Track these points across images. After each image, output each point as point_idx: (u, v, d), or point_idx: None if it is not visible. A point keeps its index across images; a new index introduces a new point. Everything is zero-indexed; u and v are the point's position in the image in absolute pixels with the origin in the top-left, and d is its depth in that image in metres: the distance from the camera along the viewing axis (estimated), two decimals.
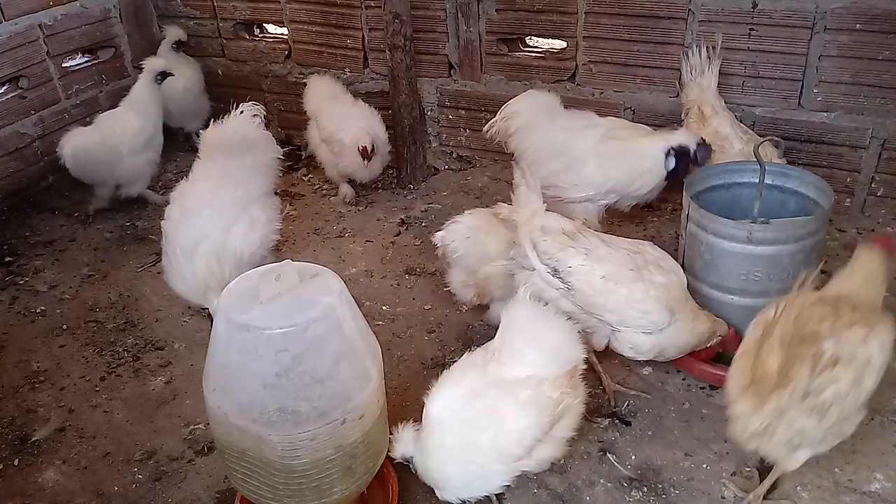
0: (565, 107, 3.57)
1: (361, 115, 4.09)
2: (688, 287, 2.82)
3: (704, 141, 3.26)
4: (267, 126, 4.65)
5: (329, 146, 4.10)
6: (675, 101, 3.81)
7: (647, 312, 2.58)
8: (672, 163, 3.25)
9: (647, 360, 2.91)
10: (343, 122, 4.00)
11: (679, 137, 3.26)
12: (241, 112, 3.21)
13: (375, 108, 4.56)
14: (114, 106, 4.76)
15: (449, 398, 2.18)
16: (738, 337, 2.60)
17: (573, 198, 3.40)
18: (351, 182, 4.27)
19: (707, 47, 3.45)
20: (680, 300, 2.63)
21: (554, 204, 3.34)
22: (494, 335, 2.33)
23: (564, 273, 2.64)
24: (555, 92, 4.03)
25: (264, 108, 3.33)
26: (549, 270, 2.66)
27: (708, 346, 2.72)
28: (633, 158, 3.31)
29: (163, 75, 4.23)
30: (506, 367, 2.22)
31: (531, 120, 3.50)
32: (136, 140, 4.10)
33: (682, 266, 2.84)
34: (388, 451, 2.20)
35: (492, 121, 3.60)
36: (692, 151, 3.22)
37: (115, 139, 4.04)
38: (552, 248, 2.66)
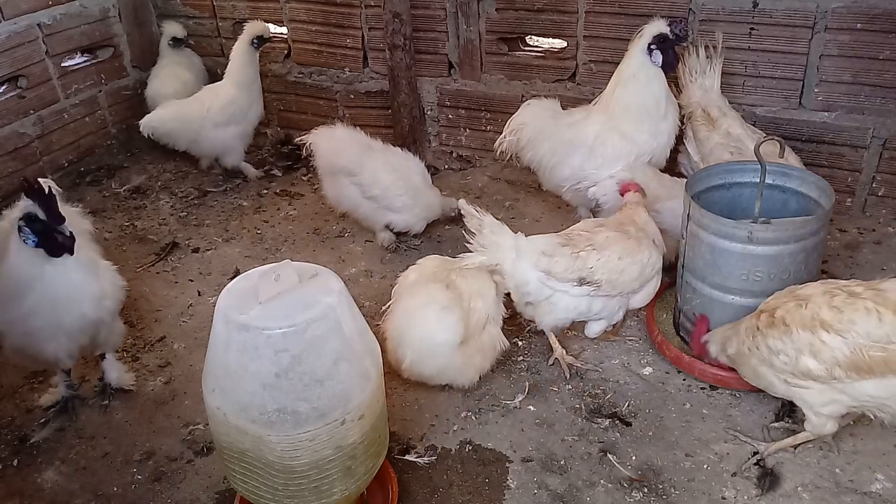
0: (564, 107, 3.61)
1: (406, 160, 3.70)
2: (689, 287, 2.84)
3: (676, 21, 3.21)
4: (268, 125, 4.75)
5: (384, 202, 3.62)
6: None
7: (656, 260, 2.83)
8: (658, 56, 3.24)
9: (646, 361, 2.94)
10: (397, 173, 3.60)
11: (649, 31, 3.22)
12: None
13: (375, 107, 4.58)
14: (112, 105, 4.82)
15: None
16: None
17: (604, 176, 3.35)
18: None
19: (707, 47, 3.43)
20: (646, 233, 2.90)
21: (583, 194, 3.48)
22: None
23: (589, 275, 2.70)
24: (555, 92, 4.05)
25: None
26: (574, 283, 2.71)
27: None
28: (630, 87, 3.29)
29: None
30: None
31: (539, 127, 3.51)
32: (222, 114, 4.24)
33: (683, 266, 2.85)
34: None
35: (500, 138, 3.61)
36: (669, 32, 3.19)
37: (194, 114, 4.20)
38: (568, 261, 2.70)
